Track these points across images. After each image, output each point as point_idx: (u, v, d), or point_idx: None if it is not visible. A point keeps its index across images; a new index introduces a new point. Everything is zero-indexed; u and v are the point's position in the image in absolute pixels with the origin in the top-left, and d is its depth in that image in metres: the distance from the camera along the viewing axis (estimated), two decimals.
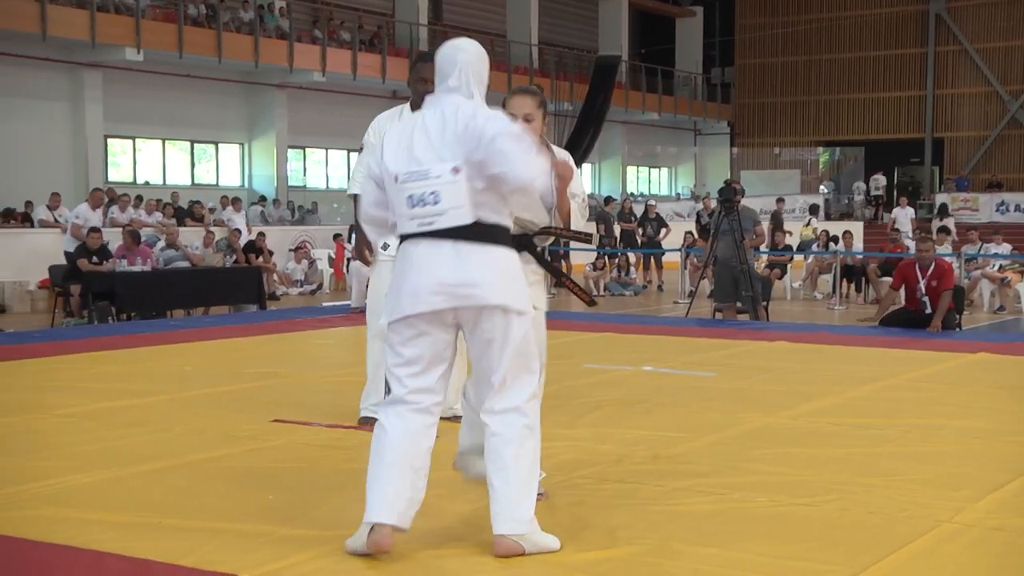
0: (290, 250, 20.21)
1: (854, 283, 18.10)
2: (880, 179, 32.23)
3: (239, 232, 18.89)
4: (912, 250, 14.13)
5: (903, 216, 24.38)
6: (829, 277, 17.81)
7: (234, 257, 17.89)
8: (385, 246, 5.91)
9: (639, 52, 37.93)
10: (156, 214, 18.80)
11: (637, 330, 11.23)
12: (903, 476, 4.92)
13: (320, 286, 19.65)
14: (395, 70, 25.18)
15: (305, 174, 26.74)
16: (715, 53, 40.16)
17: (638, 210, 22.26)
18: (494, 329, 3.83)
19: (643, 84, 34.72)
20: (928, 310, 10.84)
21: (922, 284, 10.87)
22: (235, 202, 20.64)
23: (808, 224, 22.81)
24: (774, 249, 18.89)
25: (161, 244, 16.60)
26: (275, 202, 23.73)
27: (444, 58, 3.95)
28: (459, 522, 4.18)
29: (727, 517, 4.27)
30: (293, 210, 23.91)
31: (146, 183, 22.94)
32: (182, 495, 4.61)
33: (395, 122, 5.96)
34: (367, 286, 6.76)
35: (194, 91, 23.46)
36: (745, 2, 38.66)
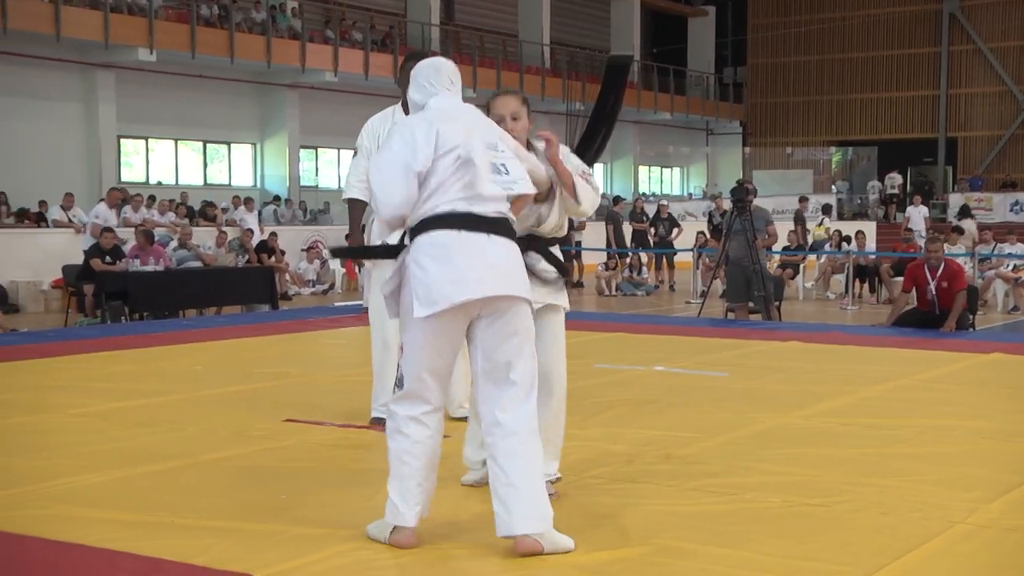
0: (302, 250, 20.24)
1: (867, 283, 18.05)
2: (896, 178, 32.11)
3: (251, 232, 18.94)
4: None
5: (917, 215, 24.29)
6: (842, 277, 17.77)
7: (246, 257, 17.94)
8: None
9: (651, 52, 37.89)
10: (169, 214, 18.85)
11: (649, 330, 11.21)
12: (916, 477, 4.91)
13: (332, 286, 19.67)
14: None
15: (317, 174, 26.78)
16: (727, 53, 40.10)
17: (650, 210, 22.24)
18: (518, 322, 3.90)
19: (655, 84, 34.69)
20: (938, 311, 10.80)
21: (932, 285, 10.83)
22: (247, 202, 20.70)
23: (821, 224, 22.75)
24: (798, 248, 18.89)
25: (174, 244, 16.65)
26: (287, 202, 23.77)
27: (445, 73, 4.09)
28: (470, 521, 4.17)
29: (739, 517, 4.26)
30: (305, 210, 23.95)
31: (159, 183, 23.00)
32: (194, 494, 4.62)
33: (388, 124, 5.92)
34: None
35: (206, 91, 23.51)
36: (757, 2, 38.58)
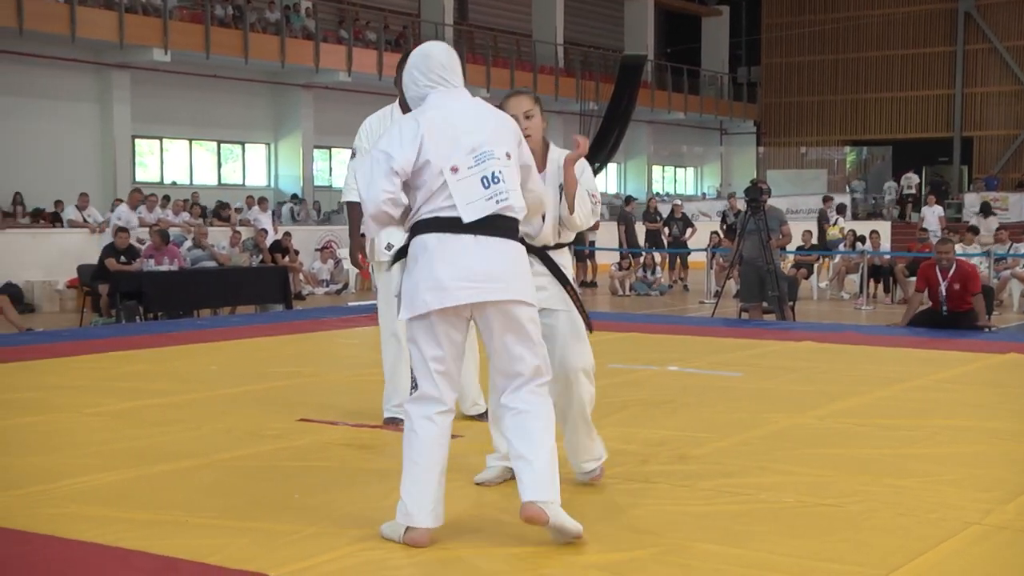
0: (316, 250, 20.29)
1: (882, 283, 18.00)
2: (912, 178, 31.98)
3: (265, 232, 19.00)
4: None
5: (931, 215, 24.17)
6: (856, 277, 17.73)
7: (260, 257, 17.98)
8: (389, 246, 5.90)
9: (665, 51, 37.84)
10: (183, 214, 18.90)
11: (663, 330, 11.20)
12: (931, 477, 4.89)
13: (346, 286, 19.70)
14: None
15: (331, 174, 26.82)
16: (741, 52, 40.02)
17: (664, 210, 22.21)
18: (512, 320, 3.92)
19: (669, 83, 34.65)
20: (945, 313, 10.75)
21: (943, 287, 10.78)
22: (261, 202, 20.75)
23: (835, 224, 22.67)
24: (813, 248, 18.86)
25: (188, 244, 16.69)
26: (300, 202, 23.82)
27: (417, 64, 4.02)
28: (484, 520, 4.17)
29: (753, 517, 4.25)
30: (318, 210, 23.99)
31: (173, 183, 23.07)
32: (209, 493, 4.63)
33: (386, 124, 5.90)
34: None
35: (221, 91, 23.57)
36: (771, 1, 38.49)
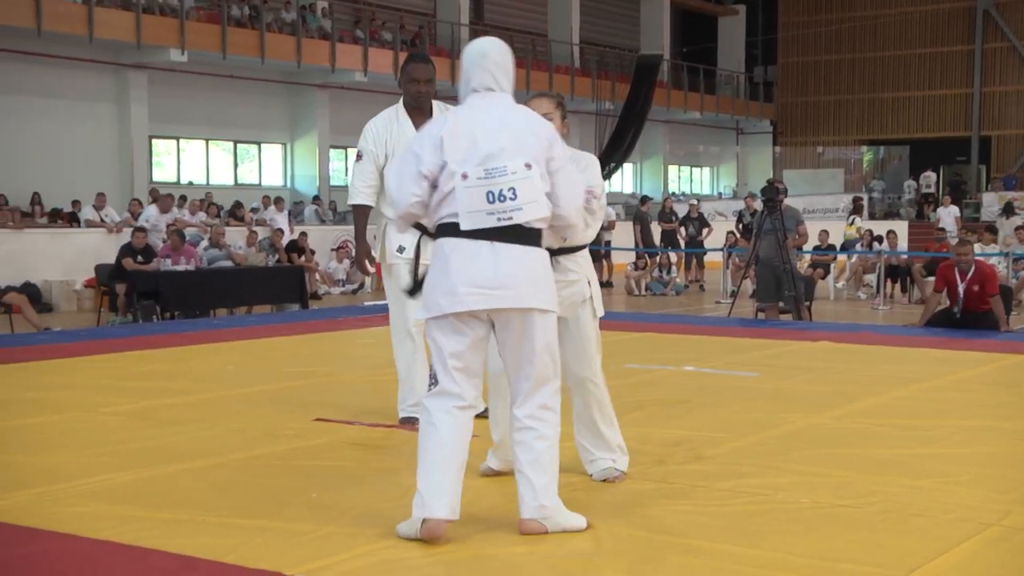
0: (332, 250, 20.32)
1: (899, 283, 17.93)
2: (931, 176, 31.87)
3: (282, 232, 19.05)
4: None
5: (947, 215, 24.07)
6: (873, 277, 17.66)
7: (277, 257, 18.03)
8: (401, 249, 5.93)
9: (681, 51, 37.78)
10: (200, 214, 18.95)
11: (679, 330, 11.18)
12: (949, 478, 4.86)
13: (362, 285, 19.71)
14: (437, 70, 25.12)
15: (347, 174, 26.86)
16: (757, 52, 39.93)
17: (680, 209, 22.17)
18: (526, 330, 3.94)
19: (685, 83, 34.59)
20: (960, 315, 10.70)
21: (961, 288, 10.74)
22: (277, 202, 20.81)
23: (852, 223, 22.61)
24: (830, 248, 18.87)
25: (205, 243, 16.74)
26: (316, 200, 23.87)
27: (473, 60, 4.03)
28: (500, 518, 4.16)
29: (769, 518, 4.24)
30: (334, 210, 24.04)
31: (190, 183, 23.15)
32: (225, 493, 4.64)
33: (392, 126, 5.93)
34: None
35: (237, 91, 23.64)
36: (788, 0, 38.40)
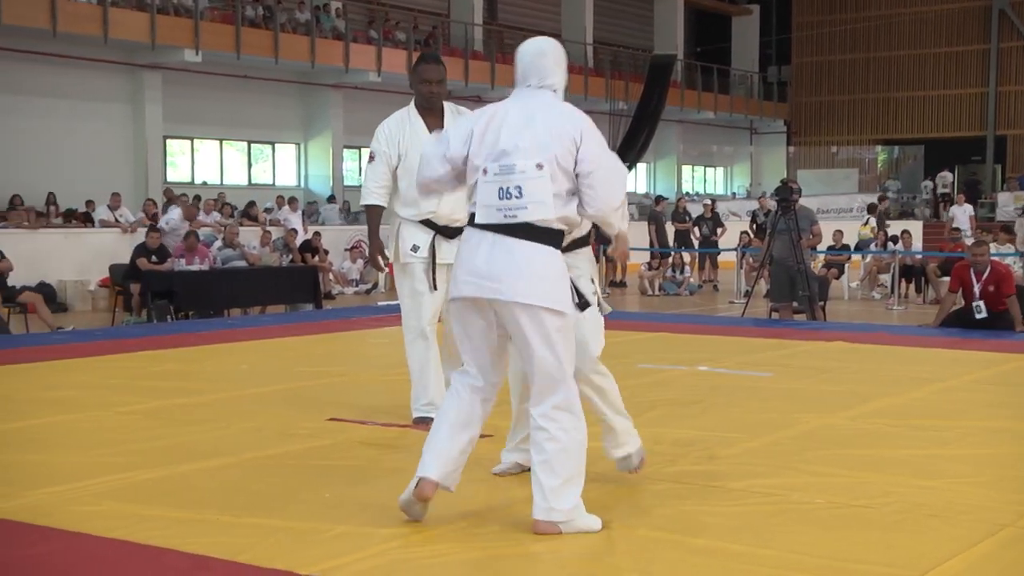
0: (345, 249, 20.35)
1: (913, 283, 17.87)
2: (947, 176, 31.76)
3: (295, 232, 19.09)
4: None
5: (961, 215, 23.96)
6: (888, 277, 17.61)
7: (290, 256, 18.06)
8: (415, 248, 5.95)
9: (695, 51, 37.73)
10: (214, 214, 19.00)
11: (692, 330, 11.17)
12: (964, 479, 4.85)
13: (375, 285, 19.75)
14: (450, 70, 24.97)
15: (360, 174, 26.88)
16: (771, 51, 39.84)
17: (694, 209, 22.15)
18: (519, 326, 3.95)
19: (699, 83, 34.55)
20: (979, 315, 10.65)
21: (977, 288, 10.70)
22: (291, 202, 20.85)
23: (866, 223, 22.56)
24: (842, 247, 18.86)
25: (219, 243, 16.78)
26: (331, 199, 23.93)
27: (526, 59, 4.08)
28: (513, 517, 4.16)
29: (785, 518, 4.23)
30: (348, 210, 24.09)
31: (204, 183, 23.21)
32: (239, 492, 4.65)
33: (405, 126, 5.97)
34: None
35: (251, 92, 23.70)
36: (802, 0, 38.30)
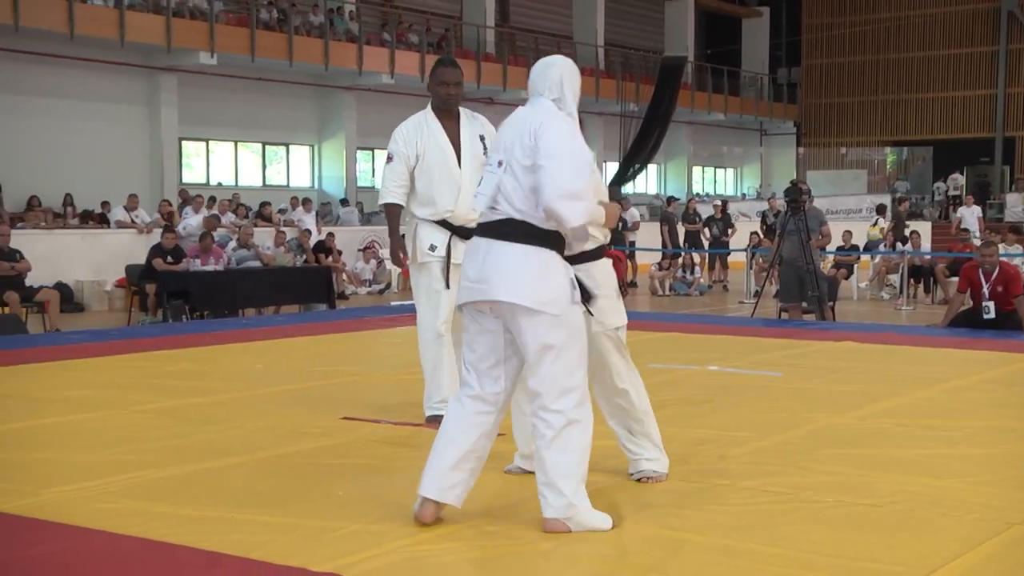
0: (359, 250, 20.42)
1: (922, 283, 17.86)
2: (958, 178, 31.69)
3: (309, 232, 19.15)
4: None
5: (969, 216, 23.89)
6: (897, 277, 17.61)
7: (304, 257, 18.13)
8: (432, 247, 6.00)
9: (705, 53, 37.73)
10: (228, 214, 19.08)
11: (702, 330, 11.19)
12: (972, 478, 4.87)
13: (388, 285, 19.81)
14: (463, 72, 25.23)
15: (374, 175, 26.98)
16: (781, 53, 39.80)
17: (703, 210, 22.17)
18: (512, 325, 3.99)
19: (709, 85, 34.55)
20: (988, 315, 10.67)
21: (986, 289, 10.72)
22: (305, 203, 20.93)
23: (875, 224, 22.55)
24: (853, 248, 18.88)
25: (233, 244, 16.85)
26: (343, 202, 23.99)
27: (538, 73, 4.16)
28: (528, 515, 4.19)
29: (793, 517, 4.26)
30: (361, 211, 24.16)
31: (219, 184, 23.31)
32: (253, 490, 4.69)
33: (422, 128, 6.06)
34: None
35: (266, 94, 23.78)
36: (812, 2, 38.26)
